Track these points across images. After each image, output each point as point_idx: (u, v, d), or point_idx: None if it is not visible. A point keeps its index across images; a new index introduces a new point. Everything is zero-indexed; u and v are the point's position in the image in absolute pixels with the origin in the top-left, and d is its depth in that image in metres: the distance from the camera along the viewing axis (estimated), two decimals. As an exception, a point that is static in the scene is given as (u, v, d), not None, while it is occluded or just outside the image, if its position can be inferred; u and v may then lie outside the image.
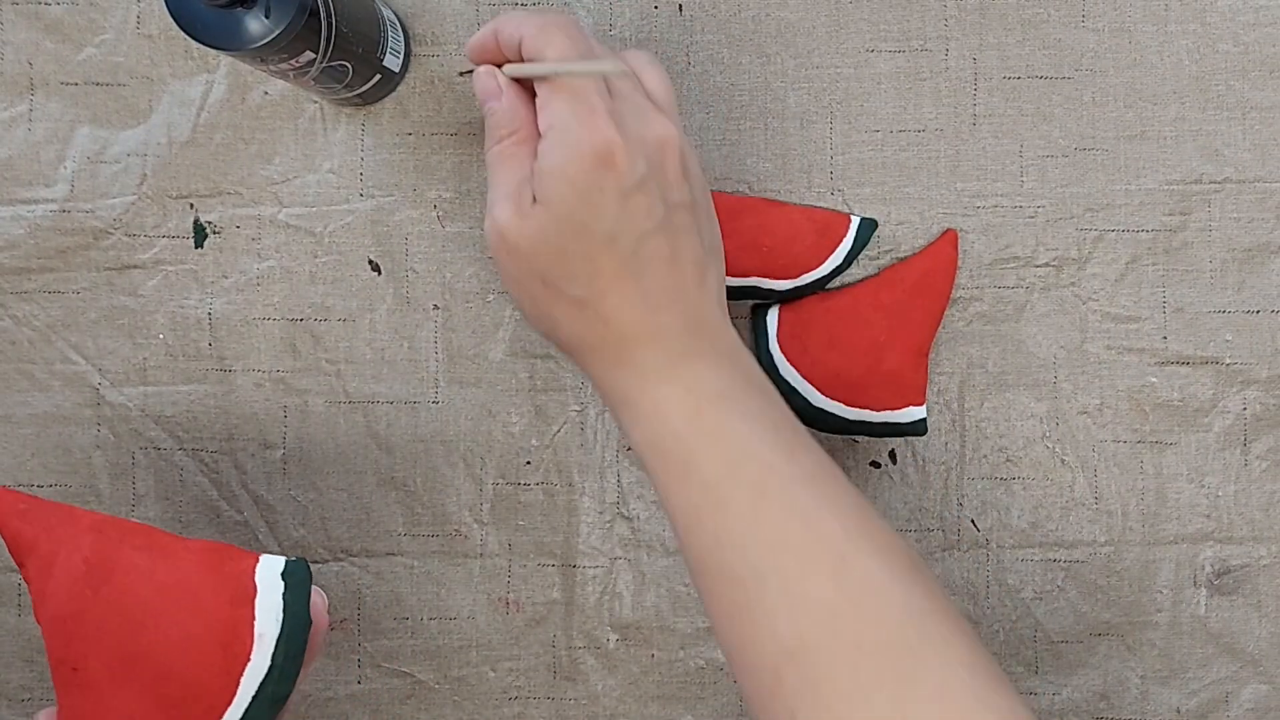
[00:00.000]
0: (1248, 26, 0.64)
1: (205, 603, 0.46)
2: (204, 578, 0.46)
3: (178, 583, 0.46)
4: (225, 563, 0.47)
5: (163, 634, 0.45)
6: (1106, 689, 0.64)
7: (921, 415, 0.62)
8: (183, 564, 0.46)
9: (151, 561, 0.46)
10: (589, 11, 0.64)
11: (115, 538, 0.46)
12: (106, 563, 0.45)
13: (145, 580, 0.45)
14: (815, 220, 0.62)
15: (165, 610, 0.45)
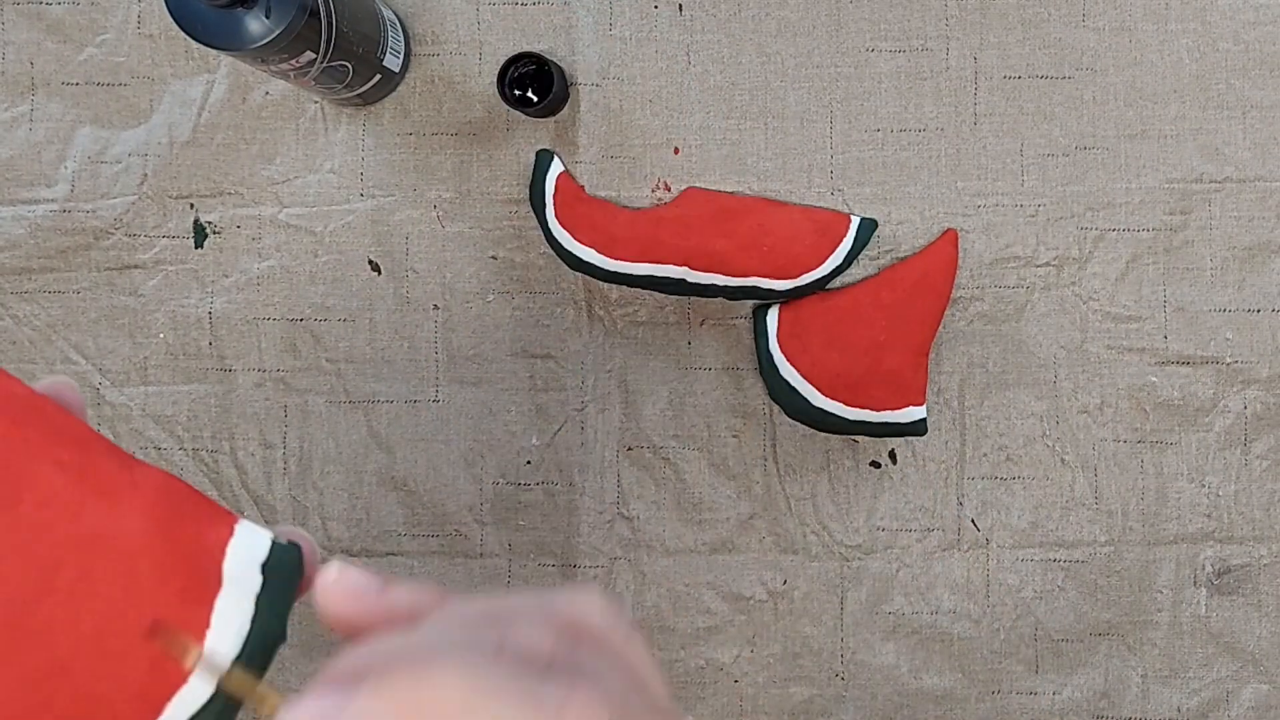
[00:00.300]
0: (1248, 25, 0.64)
1: (141, 581, 0.30)
2: (148, 541, 0.30)
3: (107, 538, 0.30)
4: (184, 524, 0.31)
5: (68, 614, 0.29)
6: (1107, 688, 0.64)
7: (922, 415, 0.62)
8: (123, 510, 0.31)
9: (80, 495, 0.30)
10: (589, 11, 0.64)
11: (37, 439, 0.31)
12: (13, 476, 0.30)
13: (62, 520, 0.30)
14: (815, 220, 0.62)
15: (79, 578, 0.29)
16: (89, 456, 0.32)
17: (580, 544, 0.65)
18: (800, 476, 0.64)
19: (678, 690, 0.65)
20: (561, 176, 0.63)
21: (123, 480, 0.32)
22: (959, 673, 0.64)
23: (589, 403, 0.65)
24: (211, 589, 0.31)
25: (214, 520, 0.33)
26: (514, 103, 0.61)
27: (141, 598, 0.30)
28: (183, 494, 0.33)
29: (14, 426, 0.31)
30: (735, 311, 0.64)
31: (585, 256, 0.62)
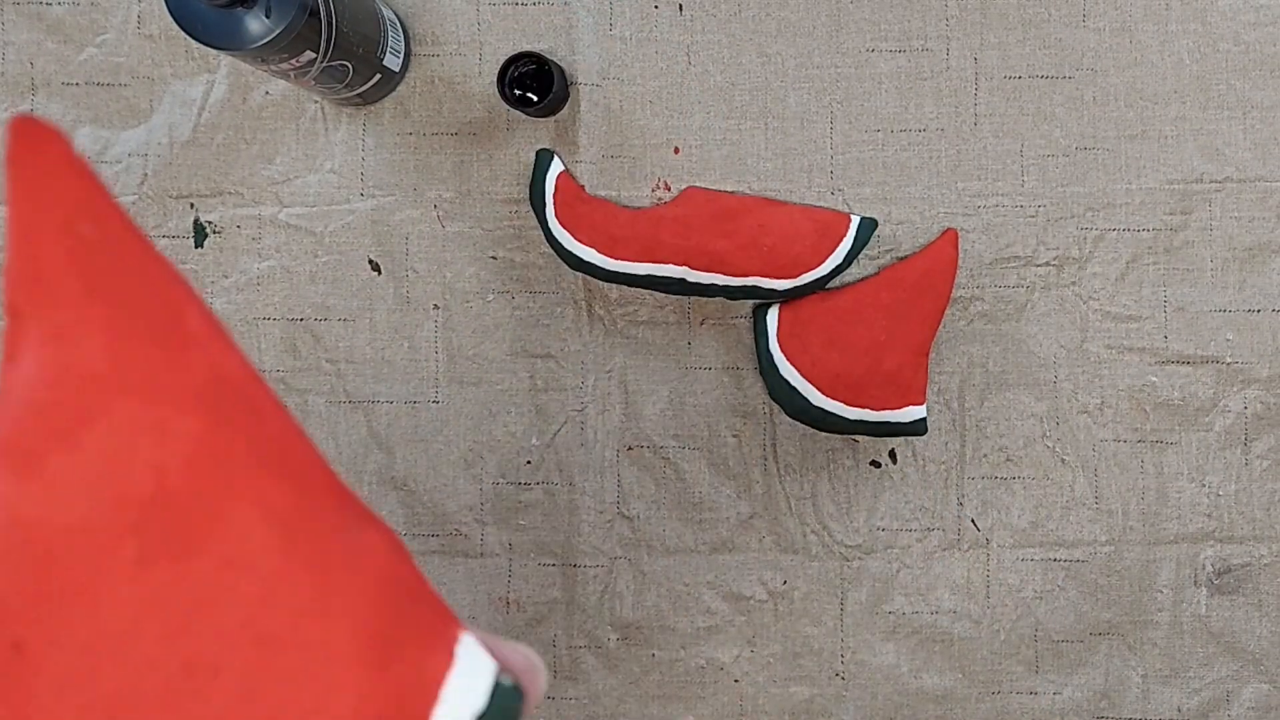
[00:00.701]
0: (1248, 26, 0.64)
1: (329, 703, 0.21)
2: (357, 670, 0.21)
3: (303, 647, 0.21)
4: (405, 643, 0.22)
5: None
6: (1108, 688, 0.64)
7: (921, 415, 0.62)
8: (335, 607, 0.22)
9: (283, 565, 0.21)
10: (589, 11, 0.64)
11: (245, 458, 0.21)
12: (202, 509, 0.21)
13: (249, 597, 0.21)
14: (815, 220, 0.62)
15: (243, 694, 0.21)
16: (309, 501, 0.22)
17: (580, 544, 0.65)
18: (800, 476, 0.65)
19: (678, 690, 0.65)
20: (561, 176, 0.63)
21: (342, 553, 0.22)
22: (959, 673, 0.64)
23: (589, 403, 0.65)
24: None
25: (435, 635, 0.23)
26: (514, 103, 0.61)
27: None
28: (407, 585, 0.23)
29: (220, 428, 0.21)
30: (735, 311, 0.64)
31: (585, 256, 0.62)
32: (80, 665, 0.20)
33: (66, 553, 0.20)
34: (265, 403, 0.22)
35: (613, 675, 0.65)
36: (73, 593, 0.20)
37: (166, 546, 0.20)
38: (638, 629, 0.65)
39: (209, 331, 0.22)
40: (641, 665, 0.65)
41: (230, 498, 0.21)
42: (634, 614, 0.65)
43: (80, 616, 0.20)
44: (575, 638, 0.65)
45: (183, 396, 0.20)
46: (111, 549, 0.20)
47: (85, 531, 0.20)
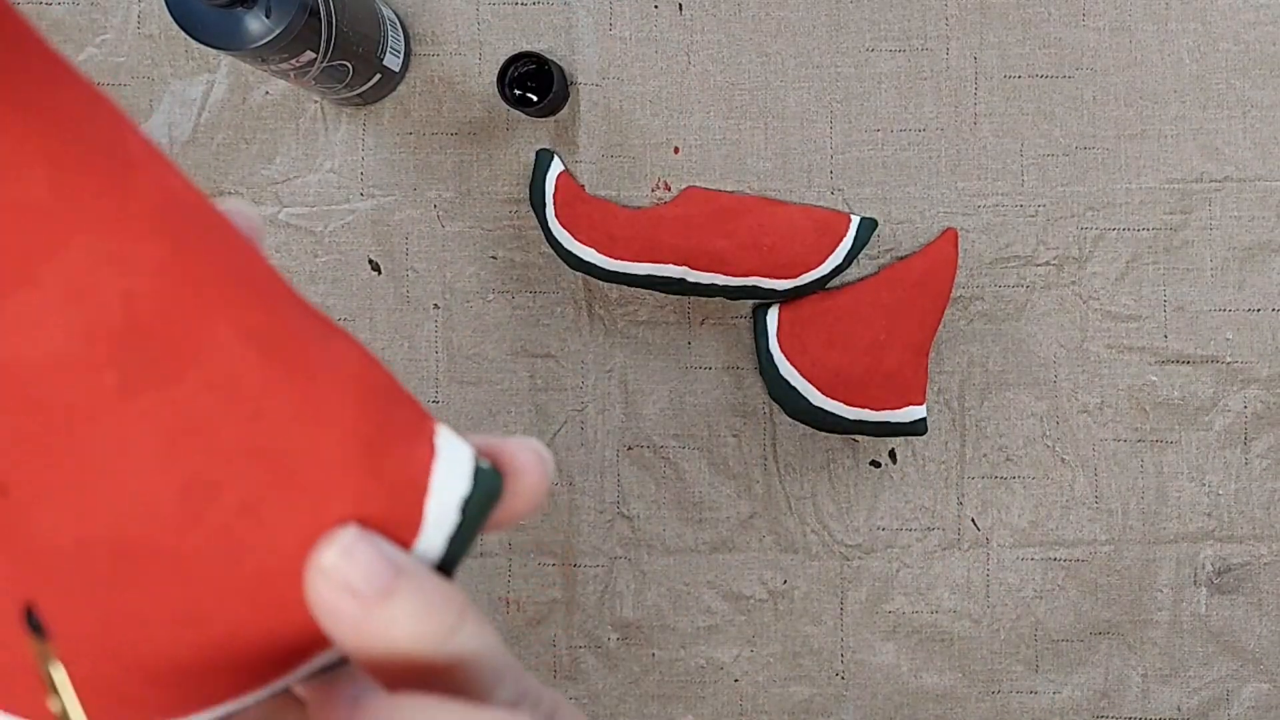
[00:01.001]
0: (1248, 25, 0.64)
1: (327, 524, 0.22)
2: (348, 470, 0.22)
3: (293, 454, 0.21)
4: (392, 439, 0.22)
5: (221, 552, 0.21)
6: (1107, 687, 0.64)
7: (921, 415, 0.62)
8: (319, 410, 0.21)
9: (265, 378, 0.21)
10: (589, 11, 0.64)
11: (216, 283, 0.21)
12: (178, 335, 0.20)
13: (236, 415, 0.21)
14: (815, 219, 0.62)
15: (244, 508, 0.21)
16: (279, 315, 0.21)
17: (580, 543, 0.65)
18: (800, 476, 0.65)
19: (678, 690, 0.65)
20: (561, 176, 0.63)
21: (320, 362, 0.22)
22: (959, 672, 0.64)
23: (589, 402, 0.65)
24: (409, 534, 0.23)
25: (416, 431, 0.23)
26: (514, 102, 0.61)
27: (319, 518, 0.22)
28: (383, 387, 0.23)
29: (182, 250, 0.20)
30: (735, 311, 0.65)
31: (585, 256, 0.62)
32: (72, 503, 0.20)
33: (43, 391, 0.19)
34: (218, 222, 0.21)
35: (613, 675, 0.65)
36: (54, 431, 0.19)
37: (147, 375, 0.20)
38: (638, 629, 0.65)
39: (151, 154, 0.21)
40: (641, 665, 0.65)
41: (204, 319, 0.20)
42: (634, 614, 0.65)
43: (64, 454, 0.20)
44: (575, 638, 0.65)
45: (138, 222, 0.20)
46: (91, 382, 0.19)
47: (60, 368, 0.19)
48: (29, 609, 0.20)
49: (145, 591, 0.21)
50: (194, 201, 0.21)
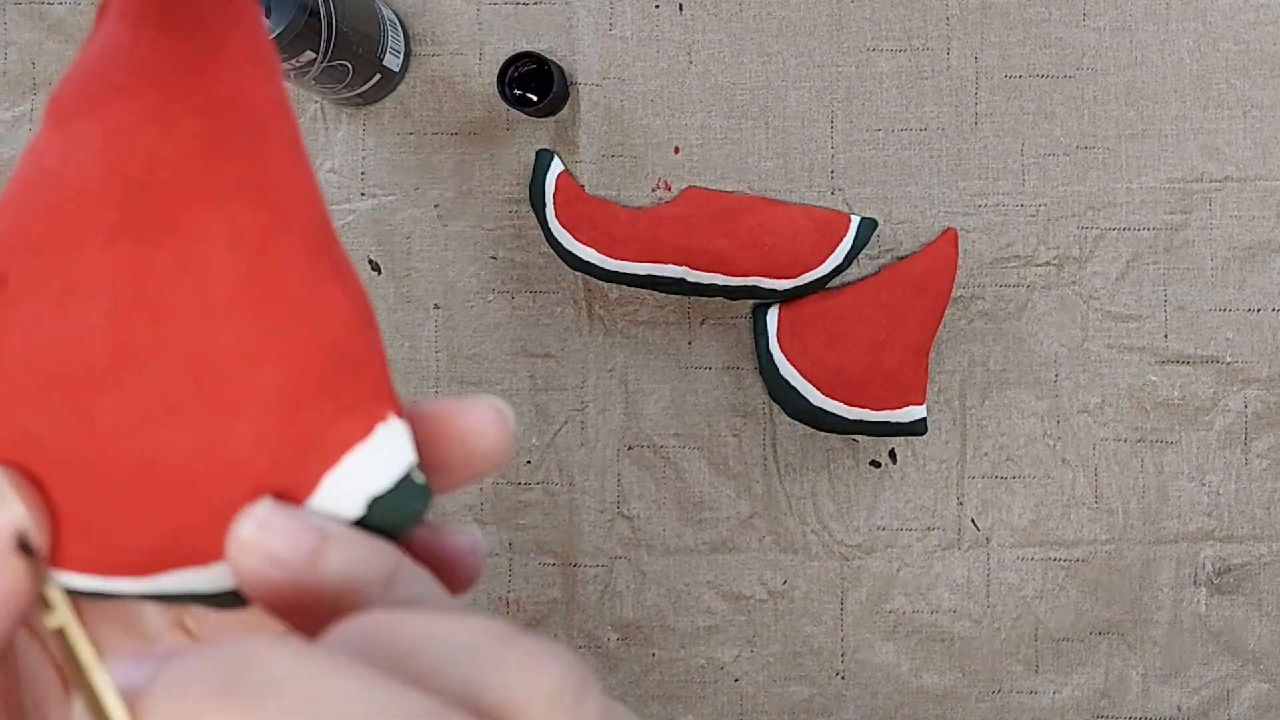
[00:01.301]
0: (1248, 25, 0.63)
1: (231, 433, 0.22)
2: (268, 402, 0.22)
3: (218, 370, 0.21)
4: (317, 405, 0.22)
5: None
6: (1108, 687, 0.64)
7: (921, 414, 0.62)
8: (267, 331, 0.22)
9: (235, 283, 0.21)
10: (589, 11, 0.64)
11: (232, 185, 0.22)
12: (188, 207, 0.21)
13: (178, 312, 0.21)
14: (815, 219, 0.62)
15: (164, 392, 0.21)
16: (284, 240, 0.22)
17: (580, 543, 0.65)
18: (800, 476, 0.65)
19: (678, 690, 0.65)
20: (561, 176, 0.63)
21: (299, 301, 0.22)
22: (959, 672, 0.64)
23: (589, 402, 0.65)
24: (296, 497, 0.22)
25: (358, 406, 0.23)
26: (514, 102, 0.61)
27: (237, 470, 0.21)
28: (353, 353, 0.23)
29: (220, 141, 0.21)
30: (735, 311, 0.65)
31: (585, 256, 0.62)
32: (45, 314, 0.21)
33: (61, 205, 0.21)
34: (277, 139, 0.22)
35: (613, 675, 0.65)
36: (56, 244, 0.21)
37: (137, 228, 0.21)
38: (638, 629, 0.65)
39: (250, 56, 0.22)
40: (642, 665, 0.65)
41: (205, 207, 0.21)
42: (634, 614, 0.65)
43: (55, 268, 0.21)
44: (575, 638, 0.65)
45: (199, 99, 0.21)
46: (96, 214, 0.21)
47: (80, 191, 0.21)
48: (22, 536, 0.21)
49: (77, 416, 0.21)
50: (265, 108, 0.22)
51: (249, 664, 0.17)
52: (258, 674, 0.17)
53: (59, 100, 0.22)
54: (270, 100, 0.22)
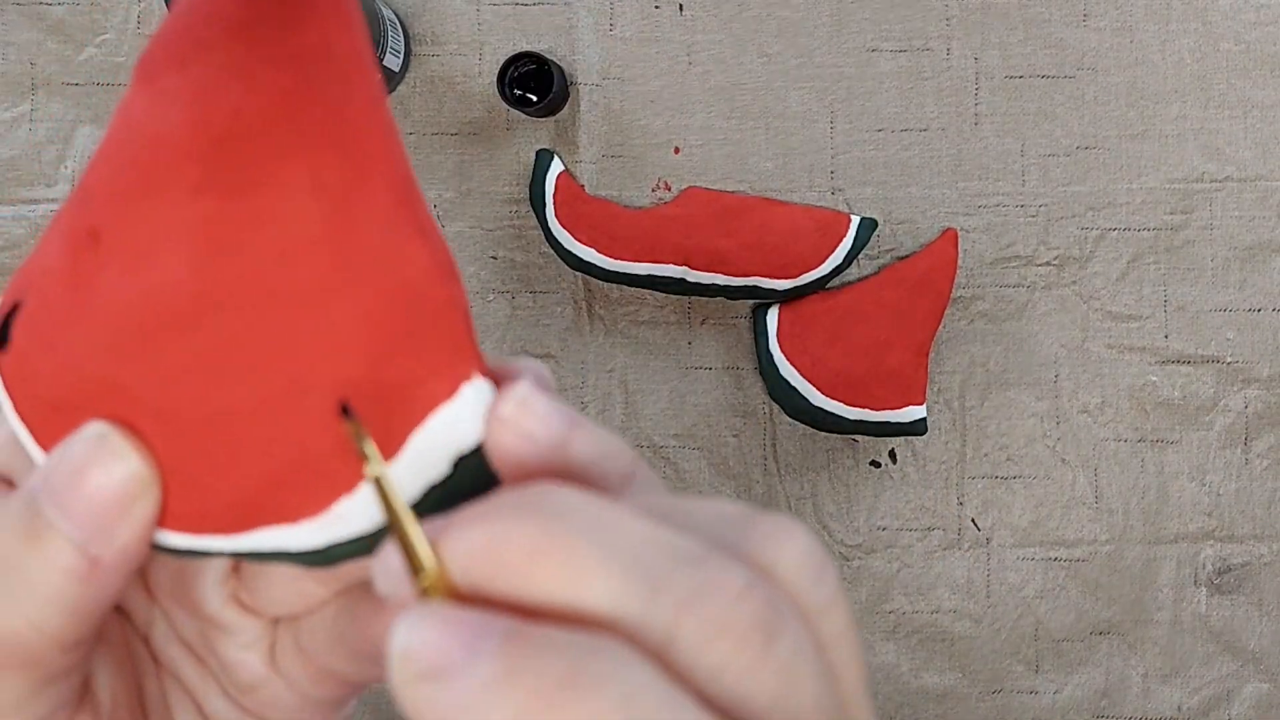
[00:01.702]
0: (1249, 25, 0.63)
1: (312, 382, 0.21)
2: (352, 350, 0.21)
3: (301, 315, 0.21)
4: (400, 358, 0.22)
5: None
6: (1108, 687, 0.64)
7: (922, 414, 0.62)
8: (347, 281, 0.21)
9: (316, 231, 0.21)
10: (589, 11, 0.64)
11: (316, 136, 0.22)
12: (270, 159, 0.21)
13: (260, 258, 0.21)
14: (816, 219, 0.62)
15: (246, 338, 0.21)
16: (366, 191, 0.22)
17: (581, 543, 0.65)
18: (800, 476, 0.65)
19: (678, 689, 0.65)
20: (561, 176, 0.63)
21: (377, 250, 0.21)
22: (959, 672, 0.64)
23: (589, 402, 0.65)
24: (383, 451, 0.21)
25: (445, 364, 0.22)
26: (514, 102, 0.61)
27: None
28: (432, 305, 0.22)
29: (304, 94, 0.22)
30: (735, 311, 0.64)
31: (585, 256, 0.62)
32: (132, 266, 0.21)
33: (148, 159, 0.21)
34: (360, 92, 0.22)
35: (613, 674, 0.65)
36: (142, 198, 0.21)
37: (221, 181, 0.21)
38: (638, 628, 0.65)
39: (332, 9, 0.23)
40: (642, 665, 0.65)
41: (289, 159, 0.21)
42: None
43: (142, 222, 0.21)
44: (576, 637, 0.65)
45: (282, 54, 0.22)
46: (179, 169, 0.21)
47: (165, 145, 0.21)
48: (344, 404, 0.21)
49: (164, 368, 0.21)
50: (349, 57, 0.22)
51: (543, 496, 0.18)
52: (551, 502, 0.18)
53: (147, 58, 0.22)
54: (352, 53, 0.23)
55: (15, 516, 0.20)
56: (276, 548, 0.22)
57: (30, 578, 0.20)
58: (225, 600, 0.25)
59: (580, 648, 0.17)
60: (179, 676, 0.26)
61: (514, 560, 0.18)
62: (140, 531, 0.21)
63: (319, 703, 0.26)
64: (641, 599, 0.17)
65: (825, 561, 0.20)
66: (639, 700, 0.16)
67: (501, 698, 0.16)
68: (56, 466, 0.21)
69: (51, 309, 0.22)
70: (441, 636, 0.17)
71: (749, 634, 0.17)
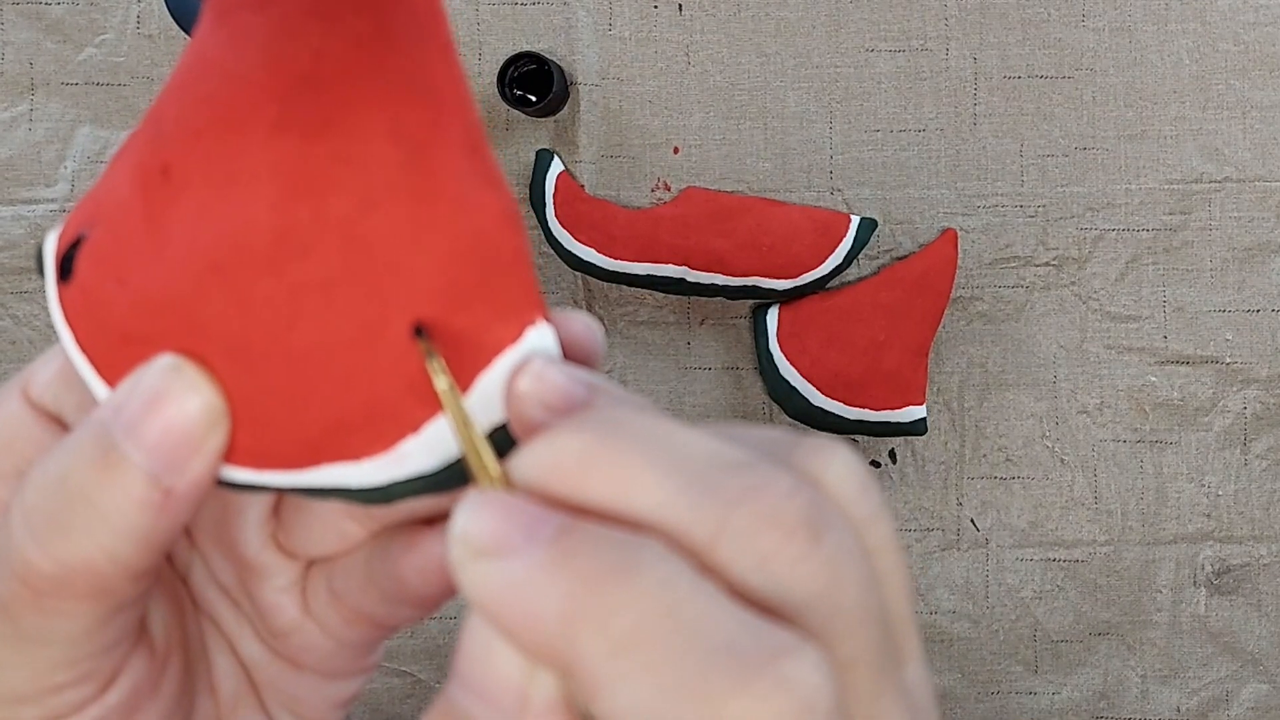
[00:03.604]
0: (1248, 26, 0.64)
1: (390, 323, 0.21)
2: (428, 292, 0.22)
3: (380, 258, 0.21)
4: (473, 304, 0.22)
5: None
6: (1106, 688, 0.64)
7: (921, 415, 0.62)
8: (425, 225, 0.22)
9: (394, 177, 0.21)
10: (589, 11, 0.64)
11: (395, 81, 0.22)
12: (351, 102, 0.21)
13: (340, 200, 0.21)
14: (815, 220, 0.62)
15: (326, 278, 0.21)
16: (440, 136, 0.22)
17: (580, 544, 0.65)
18: (800, 476, 0.64)
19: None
20: (561, 176, 0.63)
21: (452, 197, 0.22)
22: (958, 673, 0.64)
23: (588, 403, 0.65)
24: (461, 383, 0.22)
25: (515, 306, 0.22)
26: (514, 103, 0.61)
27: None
28: (504, 252, 0.22)
29: (381, 39, 0.22)
30: (735, 311, 0.65)
31: (585, 256, 0.62)
32: (207, 203, 0.21)
33: (225, 97, 0.21)
34: (436, 39, 0.22)
35: (612, 675, 0.65)
36: (220, 135, 0.21)
37: (301, 121, 0.21)
38: (637, 629, 0.65)
39: None
40: (641, 665, 0.65)
41: (368, 102, 0.21)
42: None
43: (219, 159, 0.21)
44: (575, 638, 0.65)
45: (368, 4, 0.22)
46: (257, 108, 0.21)
47: (243, 83, 0.21)
48: (418, 325, 0.21)
49: (239, 304, 0.21)
50: (427, 14, 0.22)
51: (599, 411, 0.20)
52: (607, 415, 0.19)
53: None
54: (433, 11, 0.23)
55: (88, 447, 0.21)
56: (338, 484, 0.22)
57: (104, 508, 0.20)
58: (264, 542, 0.26)
59: (623, 543, 0.18)
60: (216, 620, 0.26)
61: (568, 465, 0.19)
62: (211, 464, 0.21)
63: (350, 646, 0.26)
64: (688, 502, 0.18)
65: (869, 478, 0.20)
66: (672, 586, 0.17)
67: (551, 579, 0.17)
68: (129, 397, 0.21)
69: (123, 242, 0.22)
70: (501, 520, 0.18)
71: (795, 528, 0.18)
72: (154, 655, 0.24)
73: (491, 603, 0.18)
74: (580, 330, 0.24)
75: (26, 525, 0.21)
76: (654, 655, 0.17)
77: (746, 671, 0.17)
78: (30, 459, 0.23)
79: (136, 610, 0.23)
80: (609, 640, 0.17)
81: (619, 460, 0.18)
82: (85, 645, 0.22)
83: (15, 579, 0.21)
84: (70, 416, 0.23)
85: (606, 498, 0.18)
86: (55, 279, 0.23)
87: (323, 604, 0.26)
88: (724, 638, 0.17)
